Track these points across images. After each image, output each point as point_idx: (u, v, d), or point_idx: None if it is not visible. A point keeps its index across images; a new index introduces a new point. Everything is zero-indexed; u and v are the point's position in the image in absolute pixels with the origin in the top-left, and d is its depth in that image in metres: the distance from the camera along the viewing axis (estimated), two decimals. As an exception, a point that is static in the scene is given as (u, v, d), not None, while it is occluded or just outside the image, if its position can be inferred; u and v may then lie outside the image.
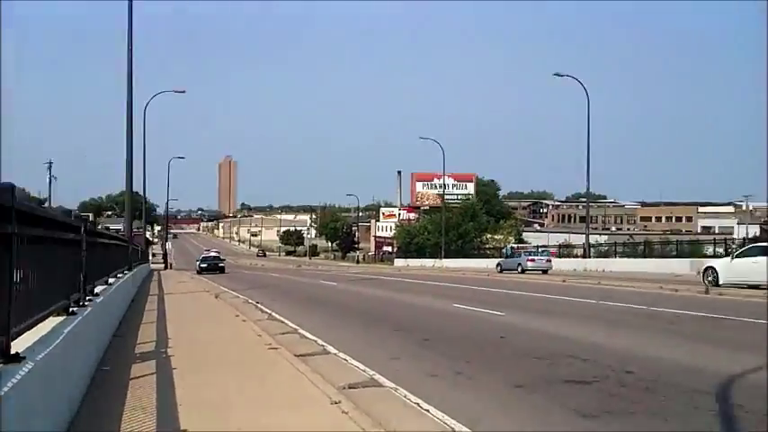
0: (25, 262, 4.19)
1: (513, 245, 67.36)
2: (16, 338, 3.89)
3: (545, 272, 40.24)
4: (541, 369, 8.34)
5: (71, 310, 6.46)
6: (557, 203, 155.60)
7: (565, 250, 56.16)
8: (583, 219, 72.30)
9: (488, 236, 73.59)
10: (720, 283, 22.07)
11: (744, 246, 28.82)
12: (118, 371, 7.87)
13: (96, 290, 9.49)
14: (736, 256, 22.81)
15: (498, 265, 44.89)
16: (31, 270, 4.44)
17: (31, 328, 4.51)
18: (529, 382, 7.58)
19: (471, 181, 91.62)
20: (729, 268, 22.28)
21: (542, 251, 49.87)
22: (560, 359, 9.00)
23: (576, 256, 50.21)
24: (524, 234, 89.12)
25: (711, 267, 23.35)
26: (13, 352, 3.72)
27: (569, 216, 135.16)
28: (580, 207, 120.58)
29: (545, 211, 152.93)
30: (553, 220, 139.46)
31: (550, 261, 43.15)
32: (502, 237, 73.06)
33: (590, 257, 46.17)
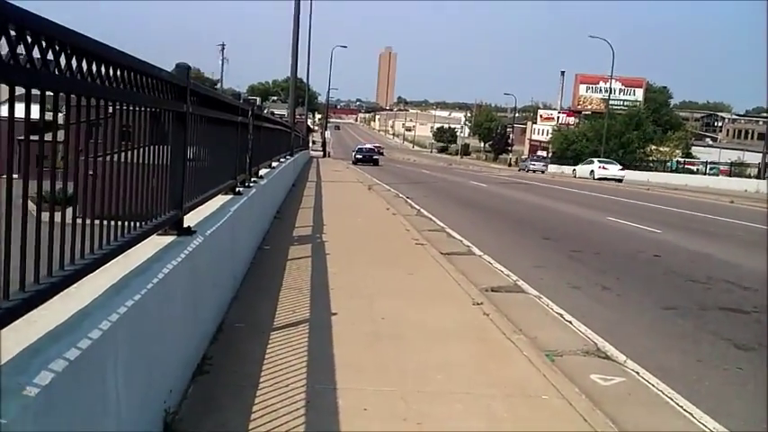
0: (197, 141, 4.46)
1: (680, 159, 62.99)
2: (188, 213, 4.19)
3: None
4: (696, 293, 7.95)
5: (237, 190, 6.86)
6: (734, 117, 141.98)
7: (737, 169, 51.70)
8: (762, 135, 65.73)
9: (653, 147, 69.05)
10: None
11: None
12: (277, 251, 8.47)
13: (260, 173, 10.06)
14: None
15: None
16: (202, 149, 4.73)
17: (202, 204, 4.84)
18: (681, 305, 7.28)
19: (640, 87, 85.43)
20: None
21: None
22: (718, 284, 8.52)
23: (750, 176, 46.15)
24: (694, 148, 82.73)
25: None
26: (185, 225, 4.02)
27: (747, 132, 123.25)
28: (760, 123, 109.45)
29: (720, 124, 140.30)
30: (728, 134, 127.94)
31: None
32: (668, 149, 68.27)
33: (765, 178, 42.23)
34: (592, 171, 43.88)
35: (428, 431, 3.46)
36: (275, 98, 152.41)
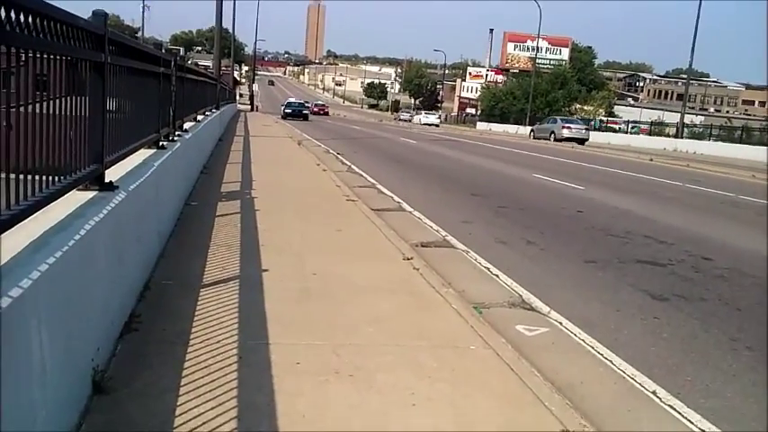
0: (117, 93, 4.28)
1: (603, 118, 64.85)
2: (110, 168, 4.06)
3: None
4: (616, 247, 8.30)
5: (161, 144, 6.66)
6: (655, 78, 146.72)
7: (656, 128, 53.68)
8: (680, 96, 68.31)
9: (578, 106, 70.83)
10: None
11: None
12: (205, 207, 8.31)
13: (185, 126, 9.78)
14: None
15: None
16: (122, 101, 4.55)
17: (124, 158, 4.69)
18: (601, 258, 7.58)
19: (566, 46, 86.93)
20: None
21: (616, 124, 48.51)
22: (637, 239, 8.90)
23: (668, 136, 48.04)
24: (616, 108, 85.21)
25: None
26: (107, 180, 3.90)
27: (666, 92, 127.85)
28: (679, 84, 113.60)
29: (641, 84, 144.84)
30: (649, 95, 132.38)
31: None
32: (592, 108, 70.17)
33: (682, 138, 44.11)
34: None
35: (360, 382, 3.52)
36: (200, 48, 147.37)
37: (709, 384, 4.25)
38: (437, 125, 63.72)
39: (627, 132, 53.37)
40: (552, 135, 39.88)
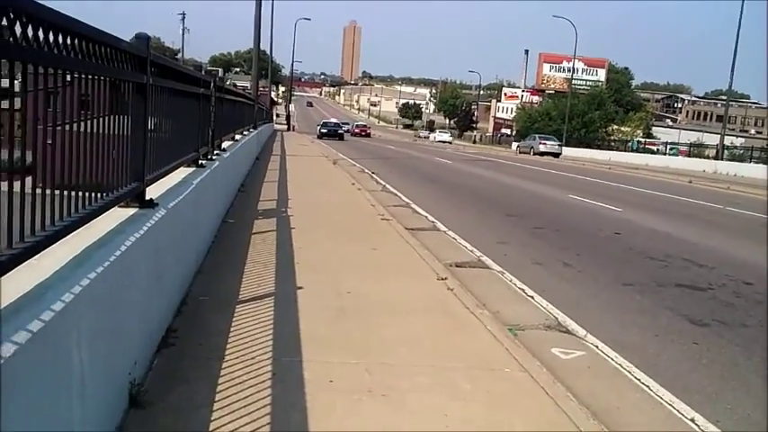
0: (158, 113, 4.38)
1: (641, 139, 64.02)
2: (150, 185, 4.14)
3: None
4: (654, 270, 8.14)
5: (200, 162, 6.78)
6: (693, 99, 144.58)
7: (695, 150, 52.74)
8: (720, 118, 67.06)
9: (615, 127, 70.03)
10: None
11: None
12: (241, 225, 8.41)
13: (223, 145, 9.93)
14: None
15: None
16: (163, 121, 4.65)
17: (164, 176, 4.77)
18: (639, 281, 7.45)
19: (603, 67, 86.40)
20: None
21: (668, 146, 48.61)
22: (676, 262, 8.73)
23: (708, 157, 47.16)
24: (654, 129, 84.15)
25: None
26: (147, 198, 3.97)
27: (706, 114, 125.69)
28: (719, 105, 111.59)
29: (680, 105, 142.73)
30: (687, 116, 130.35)
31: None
32: (629, 129, 69.34)
33: (722, 160, 43.25)
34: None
35: (393, 402, 3.50)
36: (238, 70, 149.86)
37: (750, 413, 4.13)
38: (450, 142, 72.02)
39: (665, 154, 52.53)
40: (531, 149, 47.86)
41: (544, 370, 4.24)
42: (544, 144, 47.95)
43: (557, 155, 46.15)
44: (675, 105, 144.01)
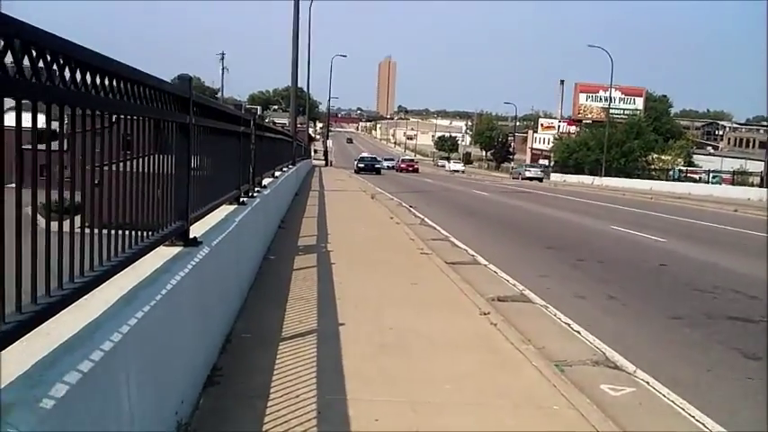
0: (200, 151, 4.44)
1: (682, 167, 62.95)
2: (194, 223, 4.17)
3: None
4: (703, 302, 7.91)
5: (241, 200, 6.84)
6: (735, 126, 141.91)
7: (739, 177, 51.61)
8: (763, 144, 65.65)
9: (655, 156, 68.99)
10: None
11: None
12: (282, 261, 8.44)
13: (264, 182, 10.04)
14: None
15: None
16: (205, 159, 4.71)
17: (207, 214, 4.83)
18: (687, 314, 7.24)
19: (640, 96, 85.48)
20: None
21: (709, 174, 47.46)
22: (725, 293, 8.47)
23: (752, 185, 46.08)
24: (695, 157, 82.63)
25: None
26: (191, 236, 4.00)
27: (748, 140, 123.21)
28: (761, 131, 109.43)
29: (721, 133, 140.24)
30: (729, 143, 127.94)
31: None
32: (670, 158, 68.22)
33: (767, 187, 42.18)
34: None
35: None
36: (276, 107, 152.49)
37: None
38: (462, 171, 78.92)
39: (708, 182, 51.49)
40: (520, 175, 60.44)
41: (594, 407, 4.12)
42: (529, 171, 61.45)
43: (540, 179, 57.17)
44: (716, 133, 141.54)
